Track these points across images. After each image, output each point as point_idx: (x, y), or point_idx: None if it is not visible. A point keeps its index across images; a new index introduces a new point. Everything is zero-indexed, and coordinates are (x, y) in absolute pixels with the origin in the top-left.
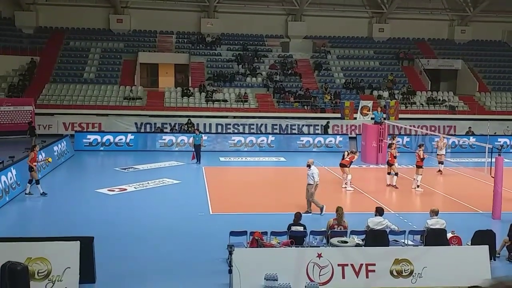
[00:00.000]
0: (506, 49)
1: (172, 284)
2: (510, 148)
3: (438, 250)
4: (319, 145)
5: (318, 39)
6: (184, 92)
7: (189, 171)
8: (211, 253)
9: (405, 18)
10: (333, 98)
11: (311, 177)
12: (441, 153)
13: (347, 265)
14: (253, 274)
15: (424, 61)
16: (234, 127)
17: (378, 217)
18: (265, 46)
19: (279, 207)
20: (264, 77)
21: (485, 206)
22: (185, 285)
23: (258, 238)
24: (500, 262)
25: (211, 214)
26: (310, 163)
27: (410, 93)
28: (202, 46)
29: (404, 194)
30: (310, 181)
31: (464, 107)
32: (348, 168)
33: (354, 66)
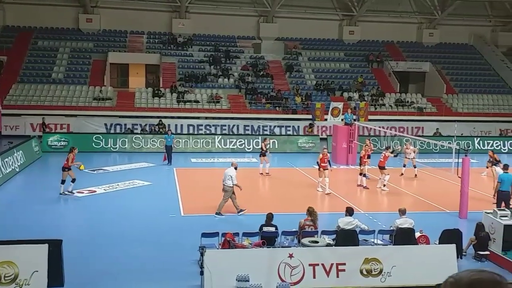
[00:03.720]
0: (472, 52)
1: (143, 286)
2: None
3: (406, 249)
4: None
5: (290, 41)
6: (155, 93)
7: (160, 173)
8: (182, 254)
9: (375, 21)
10: (305, 99)
11: (228, 178)
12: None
13: (318, 265)
14: (225, 275)
15: (393, 63)
16: (206, 128)
17: (348, 217)
18: (237, 47)
19: (251, 208)
20: (236, 78)
21: (452, 205)
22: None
23: (230, 239)
24: (467, 261)
25: (183, 215)
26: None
27: (379, 95)
28: (174, 46)
29: (374, 194)
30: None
31: (432, 109)
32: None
33: (325, 68)
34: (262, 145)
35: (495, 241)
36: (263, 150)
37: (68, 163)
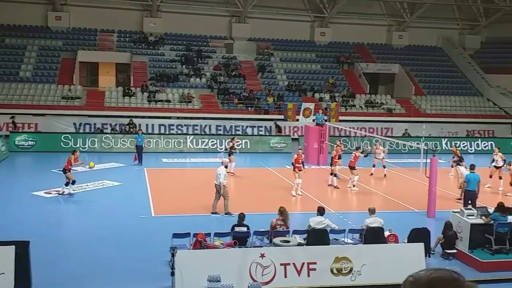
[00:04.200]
0: (441, 54)
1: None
2: None
3: (376, 248)
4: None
5: (262, 41)
6: (126, 92)
7: (131, 173)
8: (153, 255)
9: (346, 22)
10: (277, 100)
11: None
12: (379, 157)
13: (289, 264)
14: (196, 275)
15: (363, 65)
16: (178, 128)
17: (319, 217)
18: (209, 47)
19: (223, 208)
20: (208, 78)
21: (420, 205)
22: None
23: (201, 239)
24: (435, 259)
25: (153, 216)
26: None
27: (350, 96)
28: (145, 45)
29: (344, 194)
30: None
31: (400, 110)
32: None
33: (297, 69)
34: (231, 144)
35: (462, 239)
36: (232, 149)
37: (68, 165)
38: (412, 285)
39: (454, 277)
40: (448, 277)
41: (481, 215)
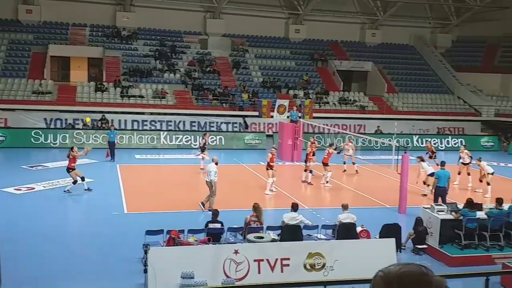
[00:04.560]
0: (413, 52)
1: (85, 286)
2: None
3: (348, 243)
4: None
5: (237, 37)
6: (98, 87)
7: (103, 169)
8: (126, 253)
9: (320, 20)
10: (251, 96)
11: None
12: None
13: (263, 260)
14: (169, 272)
15: (337, 62)
16: (151, 124)
17: (293, 213)
18: (183, 42)
19: (197, 205)
20: (182, 73)
21: (392, 201)
22: (99, 287)
23: (174, 236)
24: (406, 254)
25: (126, 213)
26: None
27: (323, 93)
28: (118, 40)
29: (318, 190)
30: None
31: (373, 107)
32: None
33: (271, 65)
34: (203, 140)
35: (432, 235)
36: (203, 145)
37: (71, 163)
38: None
39: (423, 272)
40: (417, 272)
41: (451, 211)
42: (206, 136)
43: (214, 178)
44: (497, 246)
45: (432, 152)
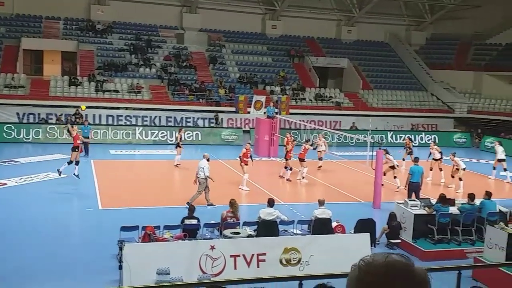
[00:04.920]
0: (388, 49)
1: (59, 283)
2: None
3: (324, 238)
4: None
5: (213, 32)
6: (72, 81)
7: None
8: (100, 249)
9: (297, 16)
10: (228, 92)
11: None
12: (320, 149)
13: (239, 256)
14: (145, 269)
15: (313, 58)
16: (126, 119)
17: (269, 208)
18: (159, 36)
19: (173, 201)
20: (158, 68)
21: (366, 196)
22: (73, 284)
23: (150, 232)
24: (380, 249)
25: (101, 209)
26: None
27: (300, 89)
28: (92, 33)
29: (294, 186)
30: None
31: (349, 104)
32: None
33: (248, 61)
34: (178, 136)
35: (406, 230)
36: (179, 141)
37: (77, 140)
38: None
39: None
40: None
41: (424, 206)
42: (181, 132)
43: (205, 173)
44: (469, 241)
45: (410, 148)
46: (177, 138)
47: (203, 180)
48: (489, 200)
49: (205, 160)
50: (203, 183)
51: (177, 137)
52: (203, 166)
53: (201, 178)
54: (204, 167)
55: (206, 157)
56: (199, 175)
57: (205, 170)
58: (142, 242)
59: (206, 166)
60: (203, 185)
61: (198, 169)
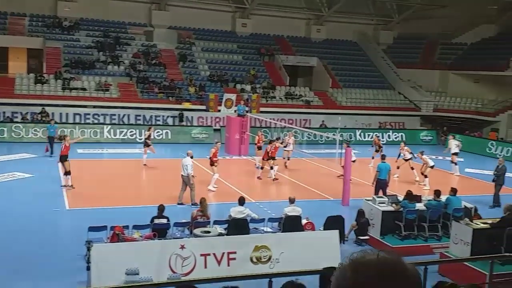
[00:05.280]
0: (356, 49)
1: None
2: None
3: (294, 236)
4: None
5: (183, 30)
6: (38, 79)
7: (43, 164)
8: (68, 250)
9: (266, 15)
10: (198, 90)
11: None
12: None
13: (210, 255)
14: (114, 269)
15: (283, 57)
16: (94, 117)
17: (239, 207)
18: (127, 34)
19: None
20: (127, 65)
21: (335, 193)
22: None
23: (119, 232)
24: (349, 245)
25: (68, 209)
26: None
27: (270, 88)
28: (59, 30)
29: (264, 184)
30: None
31: (318, 102)
32: (214, 167)
33: (218, 59)
34: (147, 134)
35: (374, 226)
36: (148, 139)
37: (66, 151)
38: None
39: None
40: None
41: (391, 202)
42: (151, 130)
43: (191, 171)
44: (435, 237)
45: (379, 146)
46: (146, 135)
47: (186, 177)
48: (454, 197)
49: (189, 158)
50: (188, 181)
51: (146, 134)
52: (187, 164)
53: (184, 176)
54: (188, 165)
55: (190, 154)
56: (183, 173)
57: (189, 168)
58: (110, 243)
59: (190, 164)
60: (189, 182)
61: (182, 167)
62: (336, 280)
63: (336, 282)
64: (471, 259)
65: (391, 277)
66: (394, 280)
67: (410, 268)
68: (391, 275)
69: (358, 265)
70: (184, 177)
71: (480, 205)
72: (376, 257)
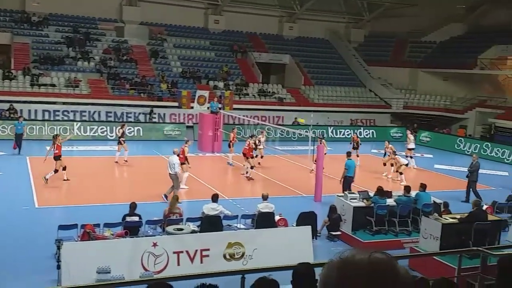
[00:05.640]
0: (328, 46)
1: None
2: None
3: (267, 232)
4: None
5: (154, 26)
6: (6, 75)
7: (11, 162)
8: (37, 249)
9: (239, 11)
10: (171, 86)
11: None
12: (260, 148)
13: (182, 252)
14: (84, 268)
15: (256, 54)
16: (64, 114)
17: (213, 204)
18: (97, 29)
19: (113, 198)
20: (97, 62)
21: (308, 190)
22: (9, 285)
23: (89, 230)
24: (321, 241)
25: (37, 207)
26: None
27: (243, 85)
28: (27, 26)
29: (238, 181)
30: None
31: (291, 99)
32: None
33: (191, 55)
34: (121, 131)
35: (346, 222)
36: (121, 137)
37: (60, 152)
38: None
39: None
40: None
41: (363, 198)
42: (124, 127)
43: (178, 170)
44: (405, 231)
45: (357, 143)
46: (120, 133)
47: (174, 175)
48: (424, 192)
49: (175, 156)
50: (175, 178)
51: (120, 132)
52: (174, 162)
53: (172, 174)
54: (175, 163)
55: (176, 152)
56: (170, 171)
57: (176, 166)
58: (81, 241)
59: (178, 162)
60: (177, 180)
61: (169, 165)
62: (324, 278)
63: (323, 279)
64: (440, 253)
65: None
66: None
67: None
68: (381, 277)
69: (347, 264)
70: (172, 175)
71: (450, 201)
72: (367, 257)
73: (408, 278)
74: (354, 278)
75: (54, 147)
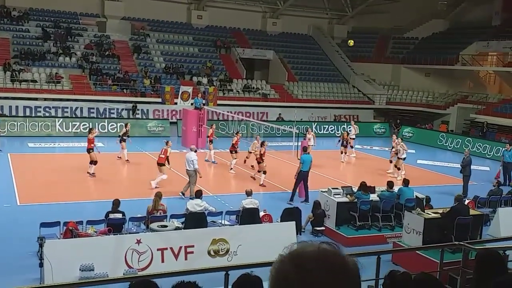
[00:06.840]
0: (311, 42)
1: None
2: None
3: (251, 228)
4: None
5: (137, 21)
6: None
7: None
8: (19, 247)
9: (222, 7)
10: (154, 82)
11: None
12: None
13: (167, 249)
14: (67, 265)
15: (240, 50)
16: (45, 110)
17: (197, 200)
18: (79, 24)
19: (96, 195)
20: (79, 57)
21: (292, 185)
22: None
23: (72, 228)
24: (305, 236)
25: (19, 205)
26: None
27: (227, 81)
28: (7, 20)
29: (222, 177)
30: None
31: (275, 95)
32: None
33: (174, 51)
34: (124, 130)
35: (330, 217)
36: (124, 136)
37: (90, 144)
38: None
39: (341, 255)
40: (335, 253)
41: (346, 194)
42: (128, 127)
43: (194, 166)
44: (389, 226)
45: (347, 141)
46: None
47: (192, 172)
48: (407, 187)
49: (193, 152)
50: (193, 175)
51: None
52: (193, 159)
53: (191, 171)
54: (194, 160)
55: (194, 149)
56: (188, 168)
57: (194, 163)
58: (63, 238)
59: (196, 158)
60: (194, 177)
61: (187, 161)
62: (281, 273)
63: (275, 274)
64: (423, 248)
65: (330, 270)
66: (333, 273)
67: (350, 261)
68: (331, 268)
69: (297, 257)
70: (189, 171)
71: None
72: (316, 249)
73: (356, 269)
74: (305, 271)
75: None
